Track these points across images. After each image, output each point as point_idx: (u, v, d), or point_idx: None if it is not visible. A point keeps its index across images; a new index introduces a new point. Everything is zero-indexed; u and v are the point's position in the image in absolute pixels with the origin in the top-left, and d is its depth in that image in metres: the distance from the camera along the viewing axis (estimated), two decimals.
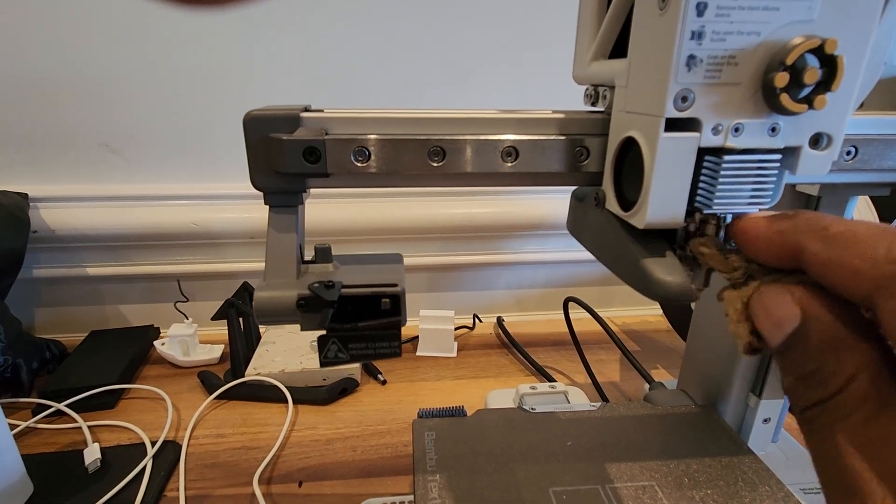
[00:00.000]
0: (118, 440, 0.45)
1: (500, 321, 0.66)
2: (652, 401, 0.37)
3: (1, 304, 0.50)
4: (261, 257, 0.61)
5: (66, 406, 0.48)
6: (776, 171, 0.17)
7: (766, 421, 0.35)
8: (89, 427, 0.46)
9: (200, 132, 0.59)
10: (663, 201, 0.17)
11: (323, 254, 0.21)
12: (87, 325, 0.62)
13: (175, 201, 0.61)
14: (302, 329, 0.20)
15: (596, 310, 0.59)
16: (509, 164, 0.20)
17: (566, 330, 0.57)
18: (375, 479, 0.42)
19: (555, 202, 0.65)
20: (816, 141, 0.17)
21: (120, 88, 0.56)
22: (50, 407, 0.47)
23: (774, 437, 0.37)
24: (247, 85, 0.58)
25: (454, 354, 0.60)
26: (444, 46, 0.58)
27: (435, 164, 0.20)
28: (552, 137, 0.20)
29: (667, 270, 0.17)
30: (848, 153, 0.21)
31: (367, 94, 0.60)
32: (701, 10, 0.15)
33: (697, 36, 0.15)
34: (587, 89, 0.23)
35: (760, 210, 0.18)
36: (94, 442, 0.43)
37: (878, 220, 0.39)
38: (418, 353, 0.60)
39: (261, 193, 0.20)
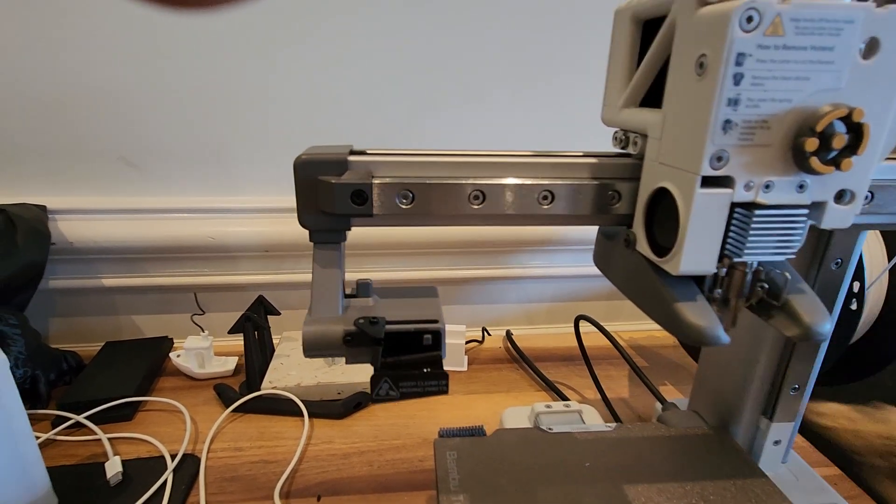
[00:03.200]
0: (137, 453, 0.46)
1: (508, 335, 0.67)
2: (665, 422, 0.38)
3: (22, 317, 0.51)
4: (274, 270, 0.62)
5: (86, 418, 0.48)
6: (803, 224, 0.18)
7: (776, 443, 0.36)
8: (108, 439, 0.47)
9: (217, 146, 0.60)
10: (697, 251, 0.18)
11: (364, 288, 0.22)
12: (100, 335, 0.63)
13: (192, 214, 0.62)
14: (347, 362, 0.21)
15: (603, 324, 0.61)
16: (546, 207, 0.21)
17: (575, 344, 0.58)
18: (393, 495, 0.42)
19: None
20: (840, 196, 0.18)
21: (138, 103, 0.57)
22: (69, 419, 0.48)
23: (784, 458, 0.38)
24: (264, 100, 0.59)
25: (465, 368, 0.61)
26: (460, 67, 0.60)
27: (475, 207, 0.21)
28: (586, 182, 0.21)
29: (698, 315, 0.18)
30: (865, 198, 0.23)
31: (384, 111, 0.61)
32: (738, 79, 0.16)
33: (734, 103, 0.16)
34: (616, 132, 0.24)
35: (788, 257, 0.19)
36: (114, 455, 0.44)
37: (884, 249, 0.40)
38: None
39: (277, 208, 0.21)
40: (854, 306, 0.38)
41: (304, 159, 0.21)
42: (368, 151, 0.22)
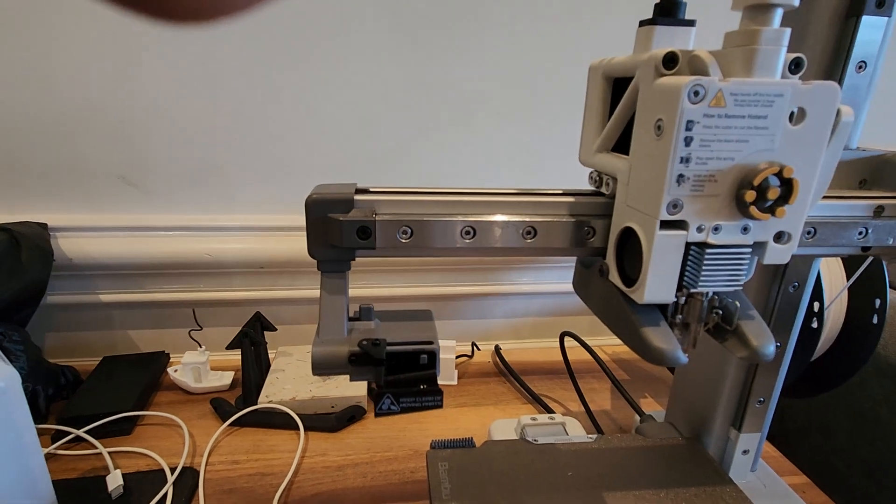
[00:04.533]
0: (137, 466, 0.47)
1: (497, 349, 0.69)
2: (643, 433, 0.41)
3: (24, 333, 0.52)
4: (269, 286, 0.63)
5: (85, 432, 0.50)
6: (748, 260, 0.21)
7: (745, 452, 0.39)
8: (109, 453, 0.48)
9: (215, 166, 0.63)
10: (658, 283, 0.21)
11: (366, 313, 0.25)
12: (97, 350, 0.64)
13: (189, 232, 0.64)
14: (351, 379, 0.23)
15: (587, 338, 0.63)
16: (528, 241, 0.24)
17: (560, 359, 0.60)
18: None
19: None
20: (779, 237, 0.21)
21: (137, 122, 0.59)
22: (69, 433, 0.49)
23: (753, 466, 0.41)
24: (261, 121, 0.61)
25: (455, 382, 0.63)
26: (449, 91, 0.63)
27: (466, 241, 0.24)
28: (564, 219, 0.24)
29: (661, 339, 0.21)
30: (808, 233, 0.26)
31: (378, 134, 0.64)
32: (688, 141, 0.19)
33: (685, 160, 0.19)
34: (592, 172, 0.27)
35: (737, 288, 0.22)
36: (115, 468, 0.45)
37: (841, 265, 0.44)
38: None
39: (273, 227, 0.24)
40: (815, 325, 0.41)
41: (315, 198, 0.23)
42: (371, 190, 0.24)
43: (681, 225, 0.20)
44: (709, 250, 0.20)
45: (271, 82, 0.60)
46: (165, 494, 0.43)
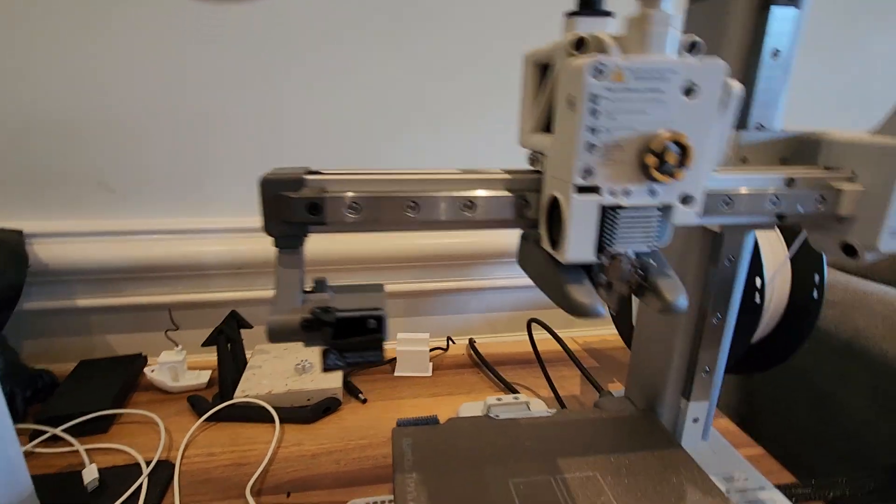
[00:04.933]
0: (113, 461, 0.48)
1: (471, 342, 0.71)
2: (601, 407, 0.43)
3: (0, 336, 0.53)
4: (247, 287, 0.65)
5: (63, 431, 0.50)
6: (658, 221, 0.23)
7: (695, 420, 0.42)
8: (85, 450, 0.49)
9: (191, 170, 0.64)
10: (578, 243, 0.23)
11: (320, 285, 0.27)
12: (74, 355, 0.64)
13: (166, 235, 0.65)
14: (306, 345, 0.25)
15: (560, 330, 0.66)
16: (468, 214, 0.26)
17: (532, 350, 0.62)
18: (358, 488, 0.46)
19: (518, 234, 0.72)
20: (685, 200, 0.23)
21: (114, 127, 0.61)
22: (46, 432, 0.50)
23: (704, 435, 0.43)
24: (235, 125, 0.63)
25: (429, 374, 0.64)
26: (419, 95, 0.65)
27: (410, 215, 0.26)
28: (501, 194, 0.26)
29: (583, 294, 0.23)
30: (725, 203, 0.28)
31: (348, 138, 0.66)
32: (594, 113, 0.21)
33: (593, 131, 0.21)
34: (529, 153, 0.29)
35: (652, 247, 0.24)
36: (91, 463, 0.46)
37: (783, 244, 0.47)
38: (396, 374, 0.64)
39: (250, 228, 0.26)
40: (758, 300, 0.44)
41: (268, 178, 0.25)
42: (322, 171, 0.26)
43: (595, 190, 0.22)
44: (621, 212, 0.23)
45: (245, 85, 0.62)
46: (140, 486, 0.44)
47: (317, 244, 0.66)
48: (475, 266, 0.74)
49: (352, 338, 0.24)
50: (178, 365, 0.59)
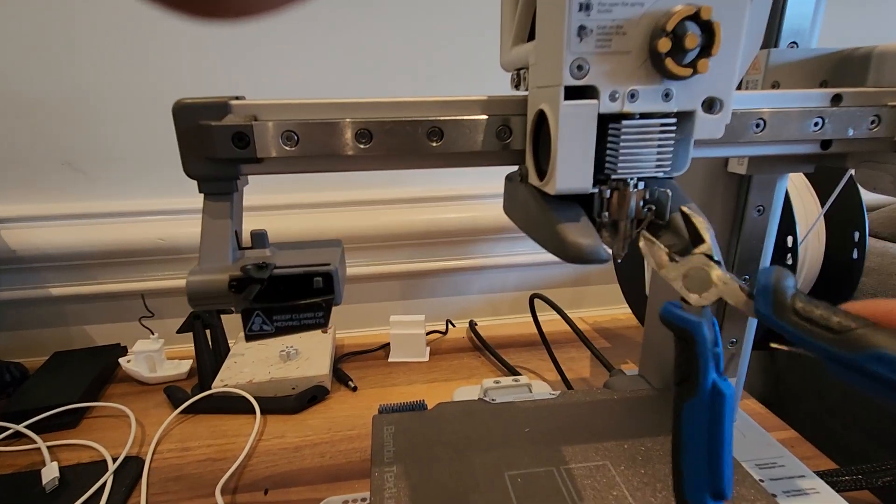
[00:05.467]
0: (79, 459, 0.44)
1: (472, 324, 0.66)
2: (612, 387, 0.38)
3: None
4: None
5: (25, 427, 0.46)
6: (674, 134, 0.18)
7: None
8: (49, 447, 0.45)
9: (164, 147, 0.60)
10: (570, 168, 0.18)
11: (259, 239, 0.22)
12: (50, 347, 0.61)
13: (141, 217, 0.61)
14: (235, 310, 0.20)
15: (568, 310, 0.60)
16: (434, 145, 0.21)
17: (537, 331, 0.57)
18: (343, 483, 0.41)
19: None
20: (710, 105, 0.18)
21: (81, 106, 0.57)
22: (7, 429, 0.46)
23: (732, 416, 0.38)
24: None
25: (426, 359, 0.60)
26: (410, 54, 0.60)
27: (362, 146, 0.21)
28: (475, 118, 0.21)
29: (580, 233, 0.18)
30: (757, 125, 0.23)
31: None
32: None
33: (585, 7, 0.16)
34: (512, 75, 0.24)
35: (666, 174, 0.19)
36: (52, 461, 0.42)
37: (816, 199, 0.41)
38: (390, 360, 0.60)
39: None
40: (790, 261, 0.38)
41: (183, 103, 0.20)
42: (254, 99, 0.21)
43: (590, 93, 0.17)
44: (626, 122, 0.17)
45: (219, 57, 0.57)
46: (104, 484, 0.40)
47: (295, 222, 0.61)
48: (475, 243, 0.69)
49: (298, 301, 0.19)
50: (156, 354, 0.55)
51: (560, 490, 0.27)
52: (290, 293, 0.20)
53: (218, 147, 0.20)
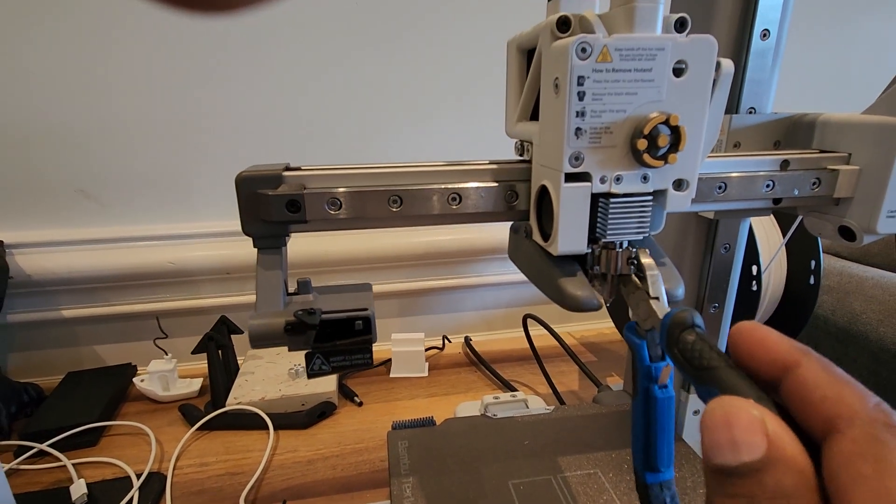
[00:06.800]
0: (103, 475, 0.47)
1: (467, 340, 0.70)
2: (600, 401, 0.42)
3: None
4: (236, 292, 0.64)
5: (49, 446, 0.49)
6: (650, 208, 0.22)
7: (695, 412, 0.41)
8: (73, 465, 0.47)
9: (174, 174, 0.63)
10: (570, 234, 0.22)
11: (304, 286, 0.26)
12: (61, 367, 0.63)
13: (151, 242, 0.63)
14: (289, 349, 0.24)
15: (557, 325, 0.65)
16: (454, 207, 0.25)
17: (528, 346, 0.62)
18: (356, 494, 0.45)
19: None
20: (679, 185, 0.22)
21: (94, 135, 0.59)
22: (32, 448, 0.49)
23: None
24: (219, 126, 0.62)
25: (426, 374, 0.63)
26: (408, 92, 0.64)
27: (394, 210, 0.25)
28: (488, 185, 0.25)
29: (577, 287, 0.22)
30: (719, 188, 0.27)
31: (336, 137, 0.65)
32: (581, 96, 0.20)
33: (581, 114, 0.20)
34: (517, 142, 0.28)
35: (645, 235, 0.23)
36: (79, 478, 0.45)
37: (778, 231, 0.46)
38: (392, 375, 0.63)
39: (238, 232, 0.25)
40: (755, 287, 0.43)
41: (244, 175, 0.24)
42: (301, 167, 0.25)
43: (585, 177, 0.21)
44: (613, 200, 0.22)
45: (230, 85, 0.60)
46: (131, 499, 0.43)
47: (303, 245, 0.65)
48: (468, 263, 0.73)
49: (337, 341, 0.23)
50: (169, 374, 0.58)
51: (558, 496, 0.32)
52: (335, 334, 0.24)
53: (273, 212, 0.24)
